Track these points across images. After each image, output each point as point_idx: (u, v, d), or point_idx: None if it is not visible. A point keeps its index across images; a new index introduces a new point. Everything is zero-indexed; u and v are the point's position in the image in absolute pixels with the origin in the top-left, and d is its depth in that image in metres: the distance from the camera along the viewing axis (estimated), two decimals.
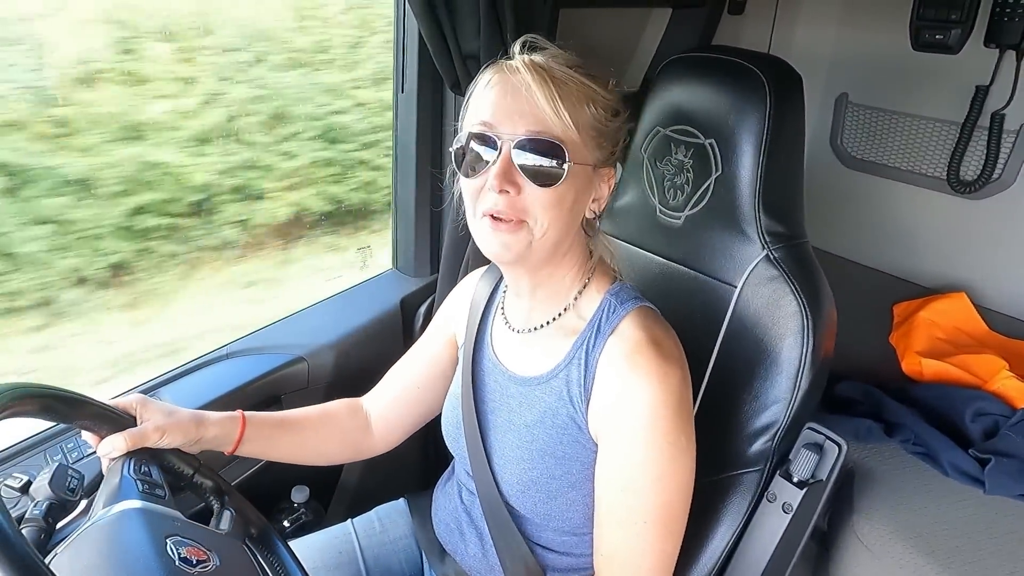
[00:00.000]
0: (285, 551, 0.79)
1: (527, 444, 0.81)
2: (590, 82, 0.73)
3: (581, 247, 0.81)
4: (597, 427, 0.75)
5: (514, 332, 0.86)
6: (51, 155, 1.17)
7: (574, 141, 0.70)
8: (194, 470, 0.81)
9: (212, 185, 1.41)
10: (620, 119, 0.77)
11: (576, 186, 0.72)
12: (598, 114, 0.73)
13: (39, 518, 0.66)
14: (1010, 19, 1.21)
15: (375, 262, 1.65)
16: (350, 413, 1.00)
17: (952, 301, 1.41)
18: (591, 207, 0.78)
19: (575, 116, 0.70)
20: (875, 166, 1.54)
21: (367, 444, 1.01)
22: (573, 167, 0.70)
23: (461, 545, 0.94)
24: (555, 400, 0.78)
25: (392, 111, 1.38)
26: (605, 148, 0.76)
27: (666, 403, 0.71)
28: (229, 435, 0.86)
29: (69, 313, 1.26)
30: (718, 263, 0.93)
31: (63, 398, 0.70)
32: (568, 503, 0.80)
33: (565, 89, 0.70)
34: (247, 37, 1.42)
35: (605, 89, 0.75)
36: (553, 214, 0.71)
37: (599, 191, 0.78)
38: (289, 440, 0.94)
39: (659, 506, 0.73)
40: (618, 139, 0.78)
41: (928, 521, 1.02)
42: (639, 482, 0.72)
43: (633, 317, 0.76)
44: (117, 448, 0.74)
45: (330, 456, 1.00)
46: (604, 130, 0.75)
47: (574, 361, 0.77)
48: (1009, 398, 1.19)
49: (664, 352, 0.72)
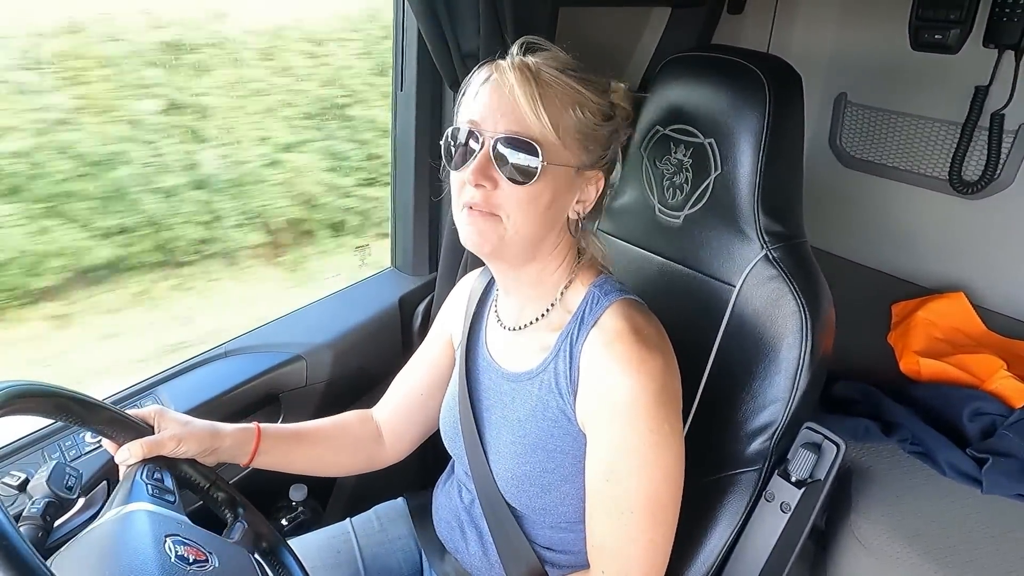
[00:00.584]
0: (296, 566, 0.79)
1: (520, 439, 0.81)
2: (580, 86, 0.73)
3: (568, 245, 0.82)
4: (584, 418, 0.76)
5: (506, 330, 0.87)
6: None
7: (552, 143, 0.72)
8: (210, 482, 0.81)
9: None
10: (613, 123, 0.78)
11: (553, 186, 0.73)
12: (585, 118, 0.74)
13: (37, 516, 0.67)
14: (1009, 19, 1.21)
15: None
16: (361, 424, 1.02)
17: (950, 301, 1.41)
18: (575, 208, 0.79)
19: (556, 118, 0.71)
20: (874, 166, 1.54)
21: (379, 454, 1.03)
22: (547, 167, 0.72)
23: (462, 544, 0.94)
24: (545, 393, 0.79)
25: (391, 110, 1.38)
26: (592, 151, 0.76)
27: (647, 390, 0.71)
28: (244, 447, 0.87)
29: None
30: (717, 262, 0.93)
31: (82, 401, 0.71)
32: (562, 496, 0.81)
33: (549, 91, 0.71)
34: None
35: (598, 93, 0.75)
36: (526, 211, 0.73)
37: (584, 193, 0.78)
38: (304, 452, 0.95)
39: (645, 495, 0.73)
40: (609, 143, 0.78)
41: (926, 520, 1.03)
42: (623, 471, 0.73)
43: (615, 308, 0.77)
44: (134, 455, 0.76)
45: (344, 467, 1.01)
46: (591, 134, 0.75)
47: (560, 353, 0.78)
48: (1007, 398, 1.20)
49: (644, 340, 0.73)
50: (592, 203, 0.79)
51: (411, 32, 1.26)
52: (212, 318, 1.54)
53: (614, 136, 0.79)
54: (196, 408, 1.11)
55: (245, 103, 1.55)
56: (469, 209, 0.74)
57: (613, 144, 0.79)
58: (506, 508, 0.85)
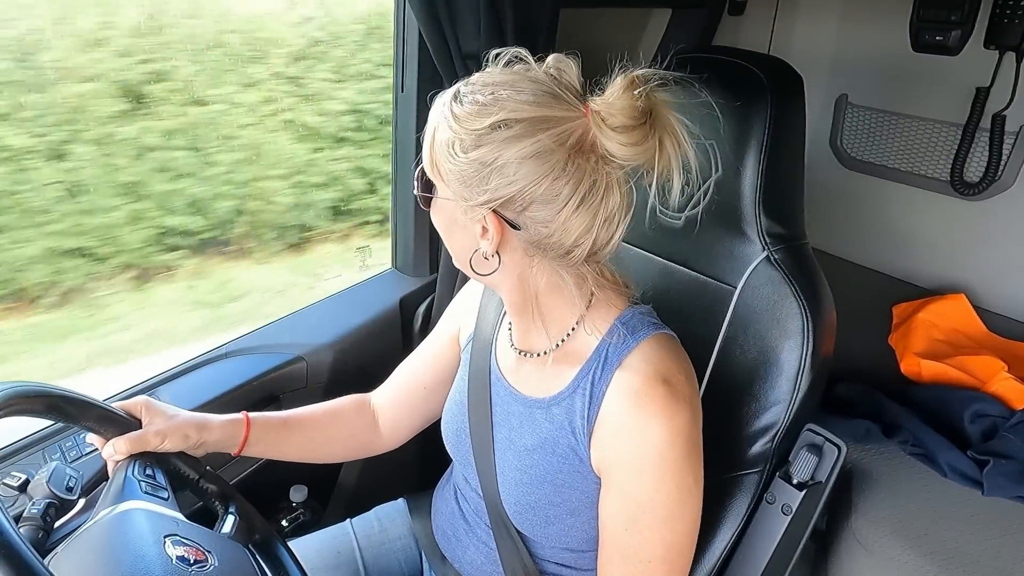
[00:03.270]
0: (288, 557, 0.79)
1: (527, 468, 0.79)
2: (453, 115, 0.66)
3: (557, 278, 0.72)
4: (600, 461, 0.73)
5: (515, 350, 0.83)
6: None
7: (433, 174, 0.71)
8: (199, 475, 0.81)
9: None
10: (484, 155, 0.63)
11: (441, 215, 0.74)
12: (451, 150, 0.66)
13: (37, 517, 0.66)
14: (1010, 20, 1.21)
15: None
16: (357, 411, 1.00)
17: (951, 303, 1.41)
18: (481, 244, 0.69)
19: (435, 150, 0.69)
20: (875, 167, 1.54)
21: (374, 442, 1.01)
22: (433, 200, 0.73)
23: (459, 551, 0.93)
24: (556, 429, 0.76)
25: (392, 110, 1.38)
26: (469, 189, 0.66)
27: (673, 444, 0.68)
28: (233, 438, 0.86)
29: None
30: (718, 264, 0.93)
31: (69, 399, 0.71)
32: (566, 528, 0.79)
33: (443, 124, 0.68)
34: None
35: (473, 123, 0.64)
36: (445, 239, 0.76)
37: (486, 232, 0.67)
38: (295, 440, 0.93)
39: (665, 547, 0.72)
40: (484, 178, 0.64)
41: (927, 522, 1.02)
42: (643, 524, 0.71)
43: (644, 349, 0.72)
44: (119, 451, 0.74)
45: (336, 455, 1.00)
46: (457, 169, 0.66)
47: (578, 391, 0.74)
48: (1008, 399, 1.19)
49: (674, 390, 0.69)
50: (493, 243, 0.67)
51: (412, 33, 1.26)
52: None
53: (488, 169, 0.64)
54: (196, 409, 1.10)
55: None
56: None
57: (502, 181, 0.64)
58: (513, 528, 0.83)
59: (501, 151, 0.63)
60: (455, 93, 0.68)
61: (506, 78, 0.66)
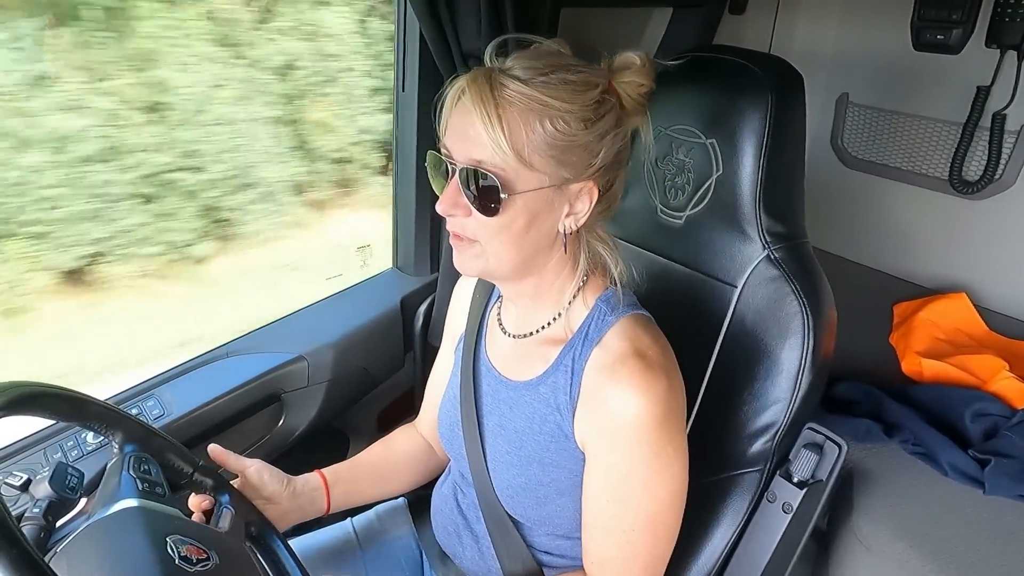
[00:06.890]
0: (285, 550, 0.79)
1: (516, 450, 0.80)
2: (550, 95, 0.65)
3: (568, 257, 0.76)
4: (584, 437, 0.75)
5: (508, 336, 0.85)
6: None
7: (515, 168, 0.66)
8: (194, 468, 0.81)
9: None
10: (601, 125, 0.68)
11: (527, 211, 0.68)
12: (559, 130, 0.66)
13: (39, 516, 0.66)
14: (1011, 20, 1.21)
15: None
16: (409, 439, 1.05)
17: (952, 301, 1.41)
18: (565, 223, 0.72)
19: (518, 140, 0.65)
20: (875, 166, 1.54)
21: (434, 460, 1.06)
22: (512, 197, 0.67)
23: (459, 548, 0.93)
24: (543, 407, 0.78)
25: (393, 110, 1.38)
26: (574, 164, 0.68)
27: (650, 413, 0.69)
28: (317, 495, 0.92)
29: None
30: (719, 263, 0.93)
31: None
32: (558, 509, 0.80)
33: (511, 110, 0.65)
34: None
35: (578, 94, 0.67)
36: (501, 239, 0.70)
37: (574, 207, 0.71)
38: (366, 477, 0.99)
39: (646, 516, 0.72)
40: (598, 148, 0.69)
41: (928, 521, 1.03)
42: (624, 493, 0.72)
43: (620, 327, 0.74)
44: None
45: (407, 481, 1.05)
46: (569, 145, 0.67)
47: (561, 368, 0.76)
48: (1009, 399, 1.19)
49: (648, 363, 0.70)
50: (586, 214, 0.72)
51: (412, 32, 1.26)
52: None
53: (606, 138, 0.69)
54: (197, 408, 1.11)
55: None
56: (452, 234, 0.73)
57: (605, 148, 0.69)
58: (505, 515, 0.84)
59: (604, 114, 0.69)
60: (519, 78, 0.66)
61: (550, 51, 0.71)
